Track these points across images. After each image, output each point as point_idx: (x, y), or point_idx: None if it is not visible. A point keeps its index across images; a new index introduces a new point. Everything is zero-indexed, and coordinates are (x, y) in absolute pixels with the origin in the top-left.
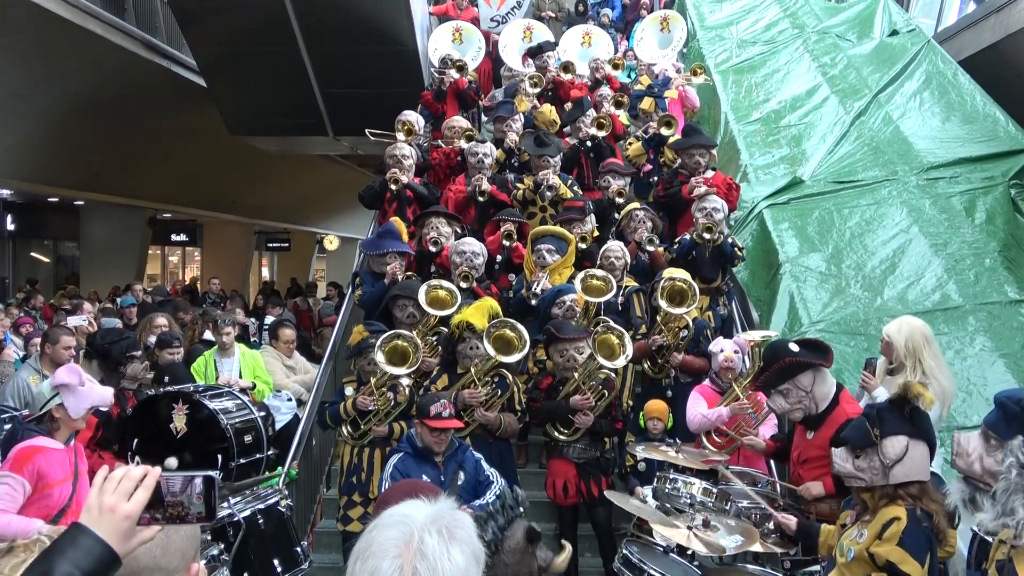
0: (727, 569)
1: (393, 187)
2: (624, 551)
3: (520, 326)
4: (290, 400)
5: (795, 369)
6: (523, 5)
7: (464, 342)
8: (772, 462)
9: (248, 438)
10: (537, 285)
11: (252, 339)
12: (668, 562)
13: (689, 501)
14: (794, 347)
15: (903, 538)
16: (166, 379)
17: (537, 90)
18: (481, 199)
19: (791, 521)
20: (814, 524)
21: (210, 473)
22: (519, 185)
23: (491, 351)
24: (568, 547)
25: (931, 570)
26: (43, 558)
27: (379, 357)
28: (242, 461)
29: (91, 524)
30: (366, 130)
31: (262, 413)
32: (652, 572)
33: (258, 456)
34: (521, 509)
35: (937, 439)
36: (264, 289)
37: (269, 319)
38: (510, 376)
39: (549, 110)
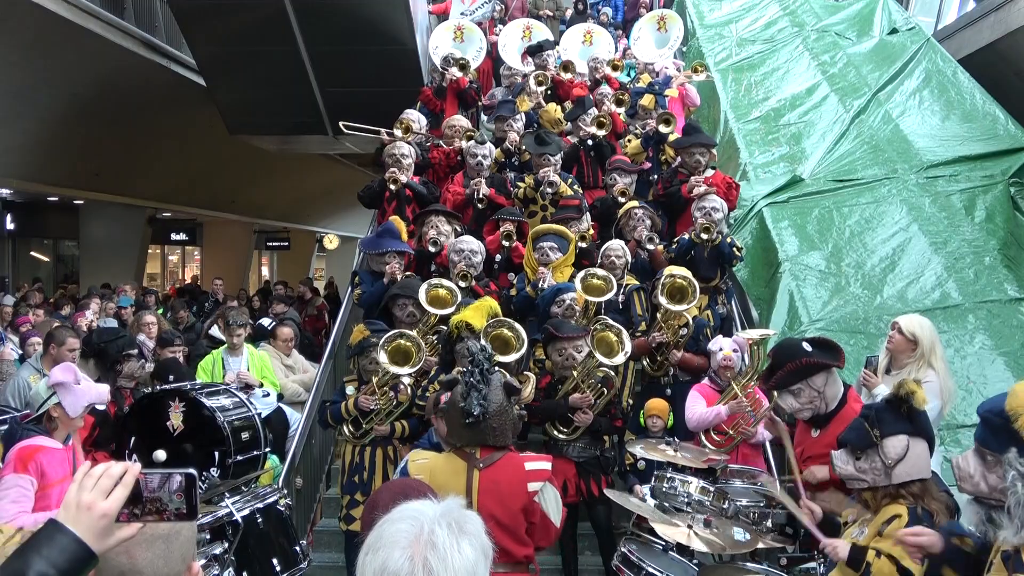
0: (725, 567)
1: (392, 187)
2: (623, 549)
3: (518, 326)
4: (267, 396)
5: (810, 370)
6: (491, 1)
7: (462, 342)
8: (772, 460)
9: (245, 435)
10: (543, 282)
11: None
12: (667, 560)
13: (687, 500)
14: (807, 346)
15: None
16: (171, 377)
17: (542, 88)
18: (480, 206)
19: (838, 544)
20: (835, 518)
21: (190, 471)
22: (520, 184)
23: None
24: (532, 377)
25: (931, 569)
26: (18, 554)
27: (382, 356)
28: (239, 458)
29: (68, 521)
30: (340, 122)
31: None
32: (650, 570)
33: (255, 453)
34: (496, 368)
35: (936, 437)
36: (263, 290)
37: (266, 320)
38: (508, 375)
39: (554, 109)
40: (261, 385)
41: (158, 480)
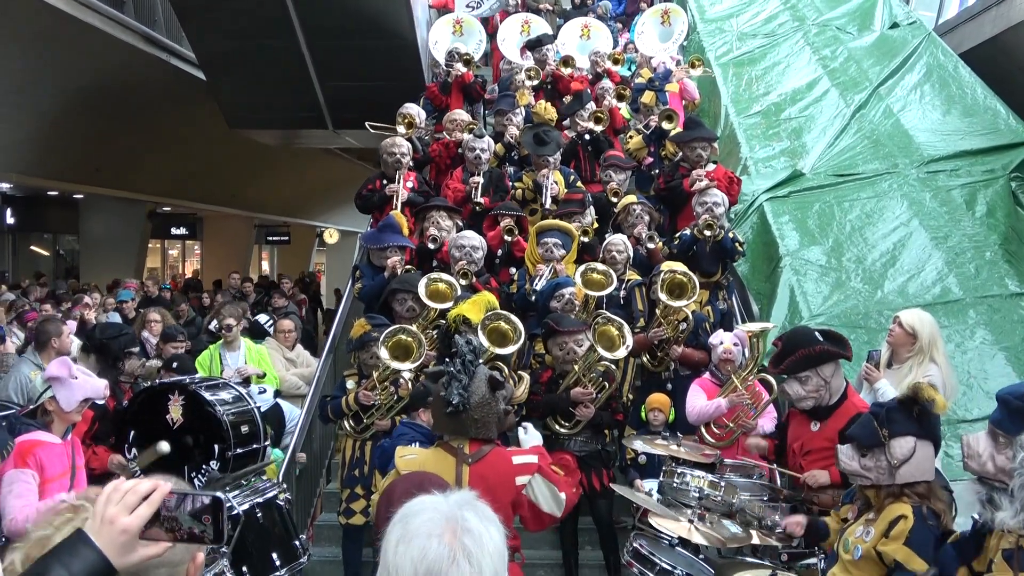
0: (733, 562)
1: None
2: (634, 544)
3: (515, 318)
4: (263, 392)
5: (821, 358)
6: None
7: (460, 336)
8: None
9: (245, 428)
10: (539, 280)
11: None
12: (676, 555)
13: (698, 495)
14: (819, 336)
15: (910, 537)
16: (175, 365)
17: (534, 82)
18: (477, 208)
19: (801, 521)
20: (821, 521)
21: (216, 494)
22: (518, 184)
23: (485, 343)
24: (526, 377)
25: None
26: (41, 561)
27: (382, 352)
28: (239, 451)
29: (92, 533)
30: (366, 123)
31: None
32: (663, 565)
33: (255, 446)
34: (480, 360)
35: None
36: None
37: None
38: (506, 369)
39: (543, 108)
40: (264, 375)
41: (185, 502)
